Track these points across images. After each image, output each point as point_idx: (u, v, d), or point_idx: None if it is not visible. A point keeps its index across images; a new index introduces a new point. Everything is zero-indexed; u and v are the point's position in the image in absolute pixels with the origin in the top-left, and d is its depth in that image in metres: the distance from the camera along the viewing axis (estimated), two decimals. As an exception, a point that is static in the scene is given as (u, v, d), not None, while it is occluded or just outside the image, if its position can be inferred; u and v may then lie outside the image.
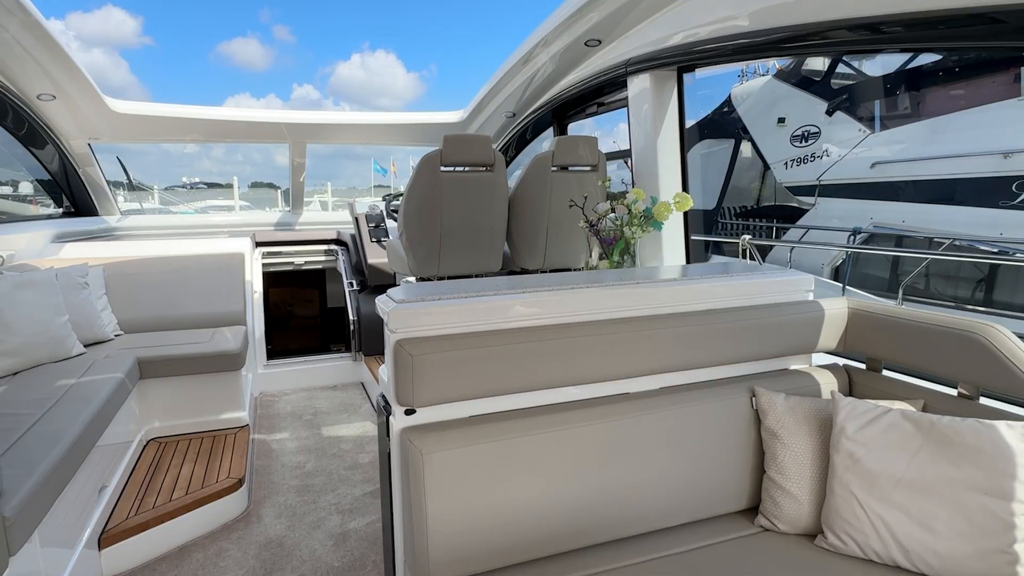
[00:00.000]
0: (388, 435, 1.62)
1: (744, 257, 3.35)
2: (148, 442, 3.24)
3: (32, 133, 4.27)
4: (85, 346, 3.22)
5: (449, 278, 3.49)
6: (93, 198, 5.20)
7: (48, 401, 2.31)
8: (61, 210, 5.11)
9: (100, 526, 2.35)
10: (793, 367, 2.04)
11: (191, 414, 3.38)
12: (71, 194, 5.07)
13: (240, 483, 2.80)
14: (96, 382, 2.59)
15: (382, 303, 1.66)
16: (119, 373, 2.74)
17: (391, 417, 1.60)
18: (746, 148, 14.88)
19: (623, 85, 3.36)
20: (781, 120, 13.92)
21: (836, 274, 10.49)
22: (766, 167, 14.21)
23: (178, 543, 2.53)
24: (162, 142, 5.52)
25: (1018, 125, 9.40)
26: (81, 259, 3.90)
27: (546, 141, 4.95)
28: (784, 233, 12.97)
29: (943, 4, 1.72)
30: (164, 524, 2.49)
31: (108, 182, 5.29)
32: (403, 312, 1.54)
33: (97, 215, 5.31)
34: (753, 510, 1.80)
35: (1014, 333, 1.59)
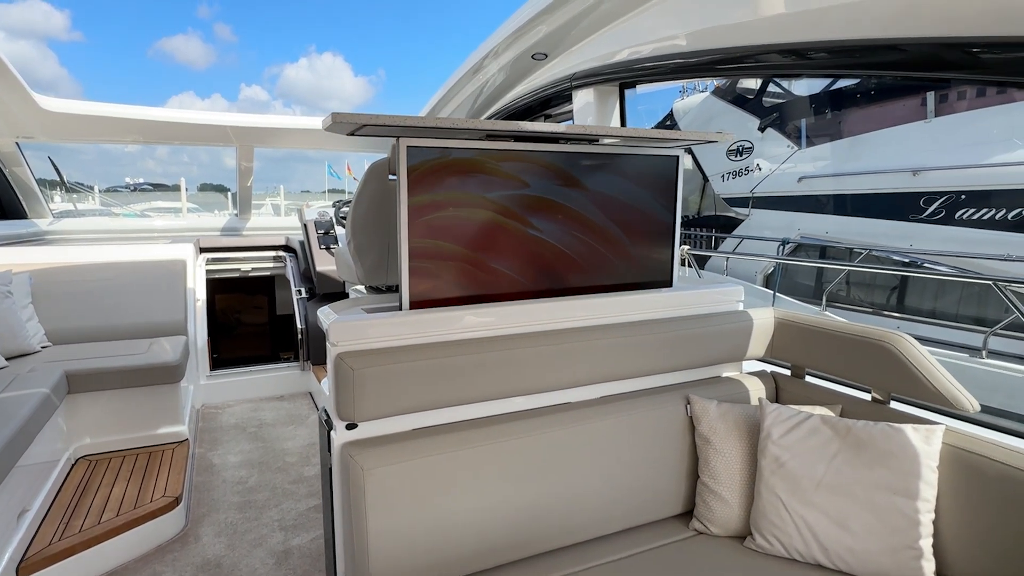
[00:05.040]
0: (330, 450, 1.61)
1: (683, 266, 3.49)
2: (77, 460, 3.08)
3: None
4: (7, 359, 3.03)
5: (398, 287, 3.47)
6: (22, 200, 4.89)
7: None
8: None
9: (19, 554, 2.21)
10: (725, 374, 2.15)
11: (125, 430, 3.22)
12: None
13: (177, 501, 2.70)
14: (18, 398, 2.45)
15: (323, 315, 1.65)
16: (44, 388, 2.60)
17: (332, 432, 1.59)
18: (687, 161, 15.46)
19: (569, 98, 3.46)
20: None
21: (767, 281, 11.04)
22: (705, 179, 14.82)
23: (107, 568, 2.41)
24: (99, 143, 5.24)
25: (924, 144, 10.24)
26: (5, 265, 3.67)
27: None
28: (722, 243, 13.54)
29: (861, 35, 1.88)
30: (92, 548, 2.37)
31: (39, 182, 4.99)
32: (344, 325, 1.54)
33: (26, 218, 4.99)
34: (688, 514, 1.88)
35: (917, 338, 1.74)
